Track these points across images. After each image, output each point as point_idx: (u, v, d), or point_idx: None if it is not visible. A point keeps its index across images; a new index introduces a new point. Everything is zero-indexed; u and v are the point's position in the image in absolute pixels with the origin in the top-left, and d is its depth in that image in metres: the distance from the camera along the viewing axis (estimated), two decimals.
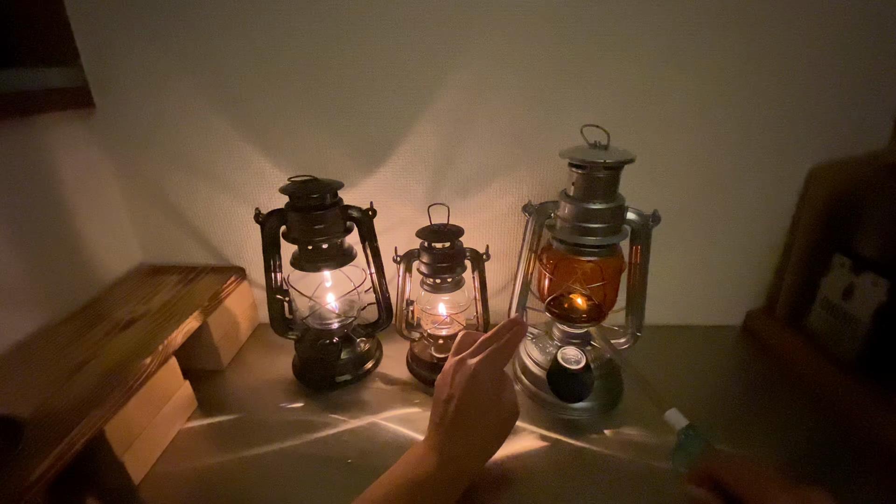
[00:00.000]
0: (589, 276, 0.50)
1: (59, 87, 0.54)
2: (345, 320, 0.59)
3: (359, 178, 0.61)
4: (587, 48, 0.52)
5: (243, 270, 0.67)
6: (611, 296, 0.53)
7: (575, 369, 0.50)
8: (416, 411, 0.53)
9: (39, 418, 0.39)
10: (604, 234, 0.47)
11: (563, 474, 0.45)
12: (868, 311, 0.49)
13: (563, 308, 0.54)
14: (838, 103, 0.54)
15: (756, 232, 0.62)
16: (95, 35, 0.55)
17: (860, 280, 0.51)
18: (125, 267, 0.66)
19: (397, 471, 0.39)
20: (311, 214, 0.50)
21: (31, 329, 0.52)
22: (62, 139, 0.56)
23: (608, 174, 0.45)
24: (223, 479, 0.45)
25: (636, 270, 0.52)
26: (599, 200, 0.46)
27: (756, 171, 0.58)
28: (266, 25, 0.53)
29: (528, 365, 0.55)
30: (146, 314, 0.54)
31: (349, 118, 0.57)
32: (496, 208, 0.61)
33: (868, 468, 0.45)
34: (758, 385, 0.57)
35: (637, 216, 0.49)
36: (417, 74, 0.54)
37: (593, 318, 0.53)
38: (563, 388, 0.50)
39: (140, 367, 0.45)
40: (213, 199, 0.63)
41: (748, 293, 0.67)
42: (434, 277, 0.54)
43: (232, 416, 0.53)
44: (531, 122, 0.56)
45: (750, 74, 0.53)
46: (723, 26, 0.51)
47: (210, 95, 0.57)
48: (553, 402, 0.52)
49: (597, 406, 0.52)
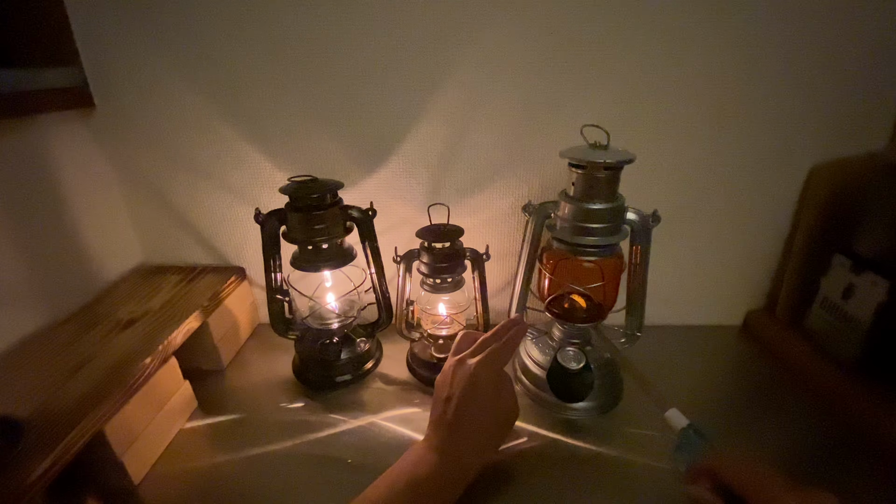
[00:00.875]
0: (589, 276, 0.50)
1: (59, 87, 0.54)
2: (345, 320, 0.59)
3: (359, 178, 0.61)
4: (588, 48, 0.52)
5: (243, 270, 0.67)
6: (611, 296, 0.53)
7: (575, 369, 0.50)
8: (416, 411, 0.53)
9: (39, 418, 0.39)
10: (604, 234, 0.47)
11: (563, 474, 0.45)
12: (868, 311, 0.49)
13: (563, 308, 0.54)
14: (838, 103, 0.54)
15: (756, 232, 0.62)
16: (95, 35, 0.55)
17: (860, 280, 0.51)
18: (125, 267, 0.66)
19: (397, 470, 0.39)
20: (311, 214, 0.50)
21: (31, 329, 0.52)
22: (62, 139, 0.56)
23: (608, 174, 0.45)
24: (223, 479, 0.45)
25: (636, 270, 0.52)
26: (599, 200, 0.46)
27: (756, 171, 0.58)
28: (266, 25, 0.53)
29: (528, 365, 0.55)
30: (146, 314, 0.54)
31: (349, 118, 0.57)
32: (496, 208, 0.61)
33: (868, 468, 0.45)
34: (758, 385, 0.57)
35: (637, 216, 0.49)
36: (418, 74, 0.54)
37: (593, 318, 0.53)
38: (563, 388, 0.50)
39: (140, 367, 0.45)
40: (213, 199, 0.63)
41: (748, 293, 0.67)
42: (434, 277, 0.54)
43: (232, 416, 0.53)
44: (531, 122, 0.56)
45: (750, 74, 0.53)
46: (723, 27, 0.51)
47: (210, 95, 0.57)
48: (553, 402, 0.52)
49: (597, 406, 0.52)
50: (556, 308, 0.54)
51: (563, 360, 0.50)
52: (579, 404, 0.51)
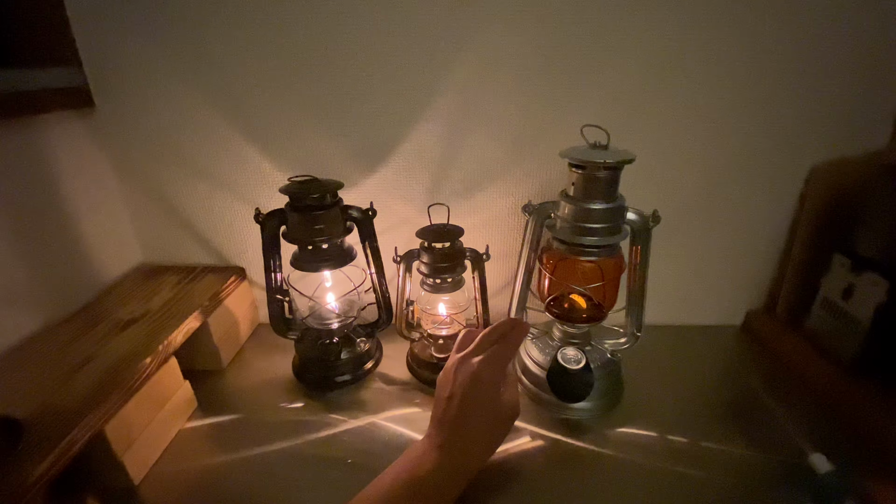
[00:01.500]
0: (589, 276, 0.50)
1: (59, 87, 0.54)
2: (345, 320, 0.59)
3: (359, 178, 0.61)
4: (588, 48, 0.52)
5: (243, 270, 0.67)
6: (611, 296, 0.53)
7: (575, 369, 0.50)
8: (416, 411, 0.53)
9: (39, 418, 0.39)
10: (604, 234, 0.47)
11: (563, 474, 0.45)
12: (868, 311, 0.49)
13: (563, 308, 0.54)
14: (838, 103, 0.54)
15: (756, 232, 0.62)
16: (95, 35, 0.55)
17: (860, 280, 0.51)
18: (125, 267, 0.66)
19: (398, 467, 0.39)
20: (311, 214, 0.50)
21: (32, 329, 0.52)
22: (62, 139, 0.56)
23: (608, 174, 0.45)
24: (223, 479, 0.45)
25: (636, 270, 0.52)
26: (599, 200, 0.46)
27: (756, 171, 0.58)
28: (266, 25, 0.53)
29: (528, 365, 0.55)
30: (146, 314, 0.54)
31: (349, 118, 0.57)
32: (496, 208, 0.61)
33: (868, 468, 0.45)
34: (758, 385, 0.57)
35: (637, 216, 0.49)
36: (418, 74, 0.54)
37: (593, 319, 0.53)
38: (564, 388, 0.50)
39: (140, 367, 0.45)
40: (213, 199, 0.63)
41: (748, 293, 0.67)
42: (434, 277, 0.54)
43: (232, 416, 0.53)
44: (531, 122, 0.56)
45: (750, 74, 0.53)
46: (724, 27, 0.51)
47: (210, 95, 0.57)
48: (553, 403, 0.52)
49: (597, 406, 0.52)
50: (556, 308, 0.54)
51: (563, 360, 0.50)
52: (579, 404, 0.51)
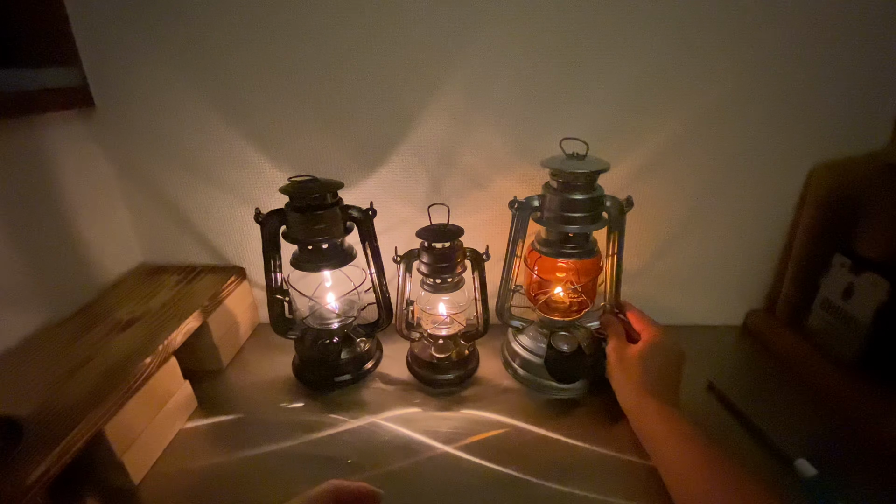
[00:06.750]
0: (571, 272, 0.54)
1: (59, 87, 0.54)
2: (345, 320, 0.59)
3: (359, 178, 0.61)
4: (589, 49, 0.52)
5: (243, 270, 0.67)
6: (591, 290, 0.56)
7: (569, 351, 0.53)
8: (416, 411, 0.53)
9: (39, 418, 0.39)
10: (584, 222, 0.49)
11: (563, 473, 0.45)
12: (868, 311, 0.49)
13: (548, 302, 0.57)
14: (838, 103, 0.54)
15: (756, 232, 0.62)
16: (95, 35, 0.55)
17: (860, 280, 0.51)
18: (125, 267, 0.66)
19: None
20: (311, 214, 0.50)
21: (31, 329, 0.52)
22: (62, 139, 0.56)
23: (585, 191, 0.48)
24: (223, 479, 0.45)
25: (614, 258, 0.54)
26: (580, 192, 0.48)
27: (756, 171, 0.58)
28: (266, 25, 0.53)
29: (518, 350, 0.58)
30: (146, 314, 0.54)
31: (349, 118, 0.57)
32: (496, 208, 0.61)
33: (868, 468, 0.45)
34: (758, 385, 0.57)
35: (610, 202, 0.51)
36: (418, 74, 0.54)
37: (577, 312, 0.56)
38: (560, 370, 0.53)
39: (140, 367, 0.45)
40: (213, 199, 0.63)
41: (748, 293, 0.67)
42: (434, 277, 0.54)
43: (232, 416, 0.53)
44: (531, 122, 0.56)
45: (750, 74, 0.53)
46: (724, 26, 0.51)
47: (210, 95, 0.57)
48: (546, 385, 0.55)
49: (588, 385, 0.55)
50: (541, 302, 0.56)
51: (556, 344, 0.53)
52: (574, 384, 0.55)
